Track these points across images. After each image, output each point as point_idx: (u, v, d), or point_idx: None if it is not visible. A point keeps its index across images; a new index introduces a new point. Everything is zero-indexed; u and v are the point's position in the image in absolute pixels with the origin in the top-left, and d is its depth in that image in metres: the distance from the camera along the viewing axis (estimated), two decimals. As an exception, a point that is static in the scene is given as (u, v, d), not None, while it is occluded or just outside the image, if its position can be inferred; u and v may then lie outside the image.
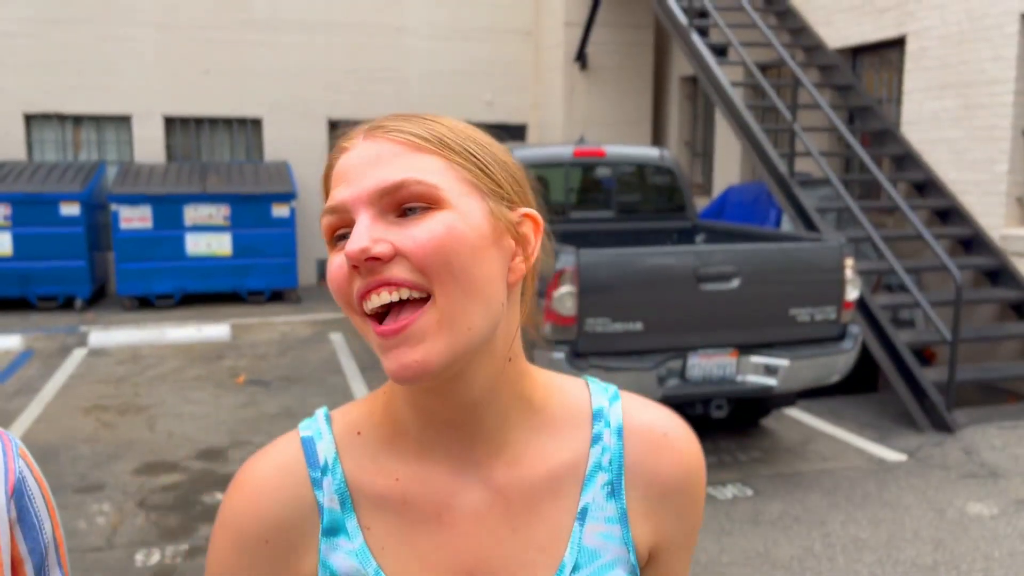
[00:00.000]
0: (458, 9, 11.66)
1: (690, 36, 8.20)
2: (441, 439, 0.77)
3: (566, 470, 0.79)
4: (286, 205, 9.91)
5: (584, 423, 0.81)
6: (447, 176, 0.71)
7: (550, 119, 11.70)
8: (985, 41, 6.73)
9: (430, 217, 0.69)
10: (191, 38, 10.80)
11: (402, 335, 0.68)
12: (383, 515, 0.77)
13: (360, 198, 0.69)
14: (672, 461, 0.81)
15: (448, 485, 0.77)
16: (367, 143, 0.72)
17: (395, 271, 0.68)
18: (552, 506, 0.78)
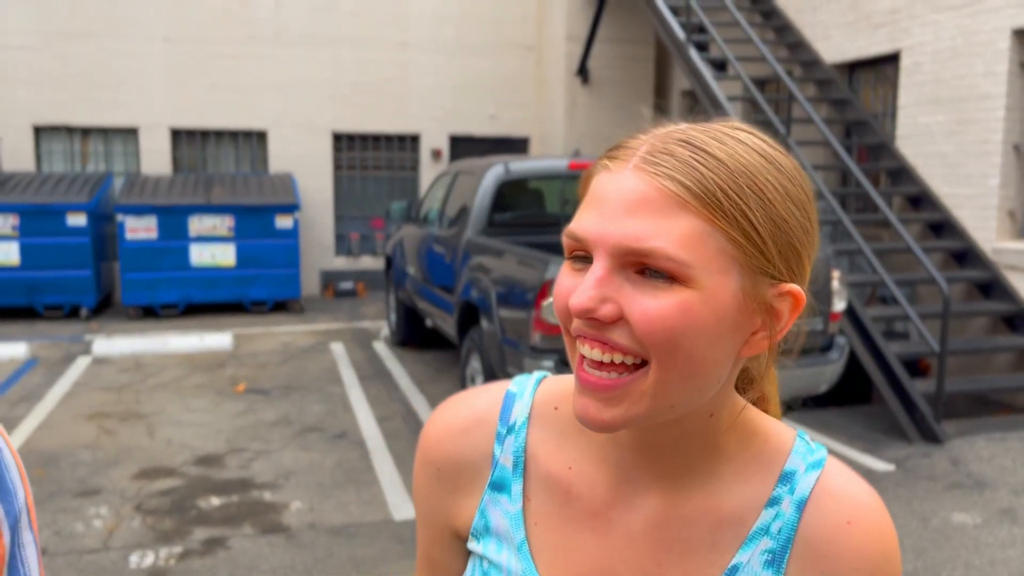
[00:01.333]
0: (461, 24, 11.81)
1: (688, 51, 8.31)
2: (619, 452, 0.76)
3: (731, 523, 0.74)
4: (290, 216, 10.03)
5: (769, 481, 0.75)
6: (705, 248, 0.64)
7: (552, 132, 11.82)
8: (977, 57, 6.81)
9: (670, 292, 0.64)
10: (198, 52, 10.98)
11: (602, 393, 0.67)
12: (546, 494, 0.78)
13: (604, 244, 0.65)
14: (849, 551, 0.72)
15: (613, 496, 0.77)
16: (633, 176, 0.66)
17: (615, 335, 0.65)
18: (704, 555, 0.75)
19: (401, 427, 6.03)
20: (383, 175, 12.06)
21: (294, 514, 4.51)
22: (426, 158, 12.01)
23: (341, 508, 4.60)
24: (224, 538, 4.22)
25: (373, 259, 12.02)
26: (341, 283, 11.81)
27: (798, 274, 0.70)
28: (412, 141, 12.07)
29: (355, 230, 11.97)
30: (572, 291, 0.66)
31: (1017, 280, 6.60)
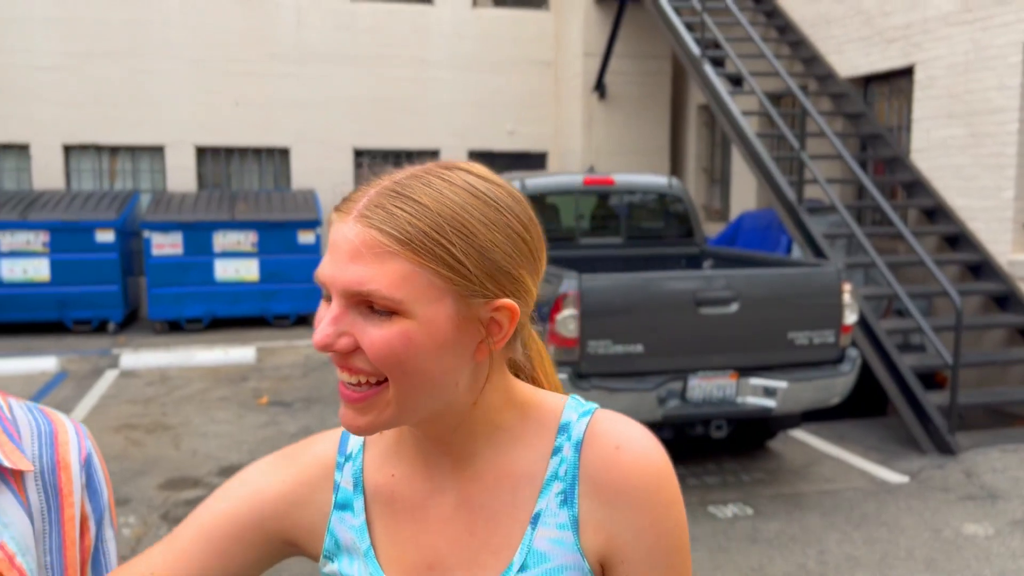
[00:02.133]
0: (480, 41, 11.98)
1: (703, 67, 8.40)
2: (427, 451, 0.88)
3: (526, 480, 0.86)
4: (312, 232, 10.22)
5: (549, 436, 0.87)
6: (415, 284, 0.75)
7: (570, 147, 11.94)
8: (990, 71, 6.85)
9: (392, 323, 0.76)
10: (222, 71, 11.22)
11: (358, 405, 0.79)
12: (380, 503, 0.90)
13: (336, 286, 0.77)
14: (621, 474, 0.83)
15: (425, 489, 0.89)
16: (355, 225, 0.77)
17: (356, 361, 0.77)
18: (509, 513, 0.86)
19: (420, 439, 6.14)
20: (403, 190, 12.22)
21: (315, 523, 4.63)
22: (445, 173, 12.15)
23: (360, 517, 4.71)
24: (247, 546, 4.35)
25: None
26: (362, 297, 11.96)
27: (512, 290, 0.80)
28: (432, 157, 12.24)
29: (376, 245, 12.13)
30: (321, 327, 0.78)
31: (1033, 292, 6.62)
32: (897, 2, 7.87)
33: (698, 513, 4.73)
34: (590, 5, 11.30)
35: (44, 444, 0.98)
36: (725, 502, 4.93)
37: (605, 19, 11.22)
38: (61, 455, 0.99)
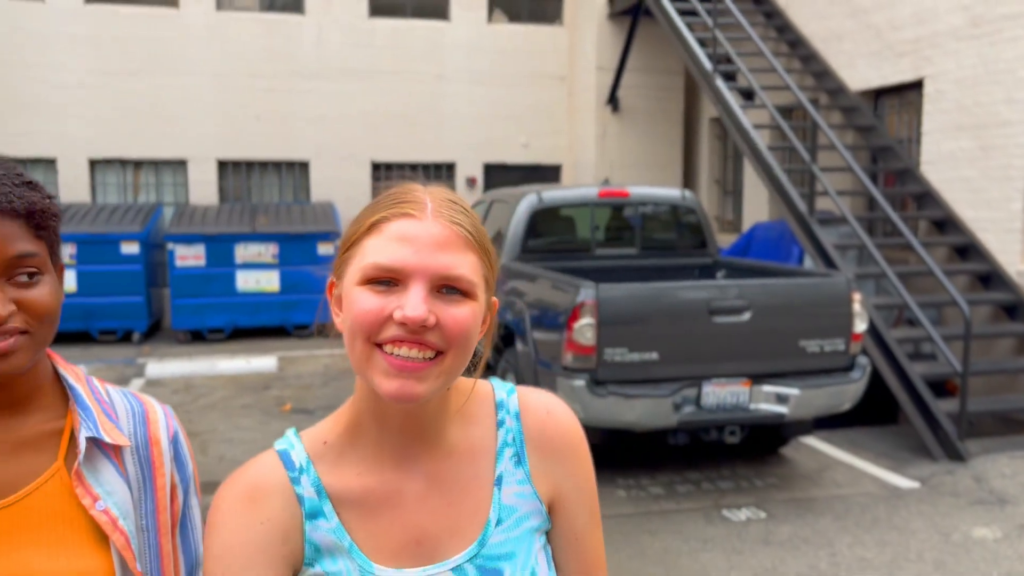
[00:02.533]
0: (495, 56, 12.20)
1: (715, 82, 8.57)
2: (391, 442, 0.98)
3: (482, 452, 1.02)
4: (331, 243, 10.42)
5: (490, 414, 1.04)
6: (479, 275, 0.93)
7: (584, 160, 12.11)
8: (998, 85, 6.98)
9: (464, 304, 0.91)
10: (243, 87, 11.48)
11: (418, 373, 0.89)
12: (350, 502, 0.97)
13: (425, 273, 0.89)
14: (556, 432, 1.05)
15: (396, 476, 0.98)
16: (434, 223, 0.91)
17: (430, 337, 0.89)
18: (476, 481, 1.00)
19: (440, 445, 6.30)
20: (420, 203, 12.44)
21: (341, 525, 4.79)
22: (461, 186, 12.37)
23: (385, 520, 4.86)
24: (276, 546, 4.51)
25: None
26: (379, 307, 12.17)
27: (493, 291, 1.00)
28: (448, 169, 12.45)
29: (393, 256, 12.34)
30: (382, 308, 0.88)
31: (1042, 302, 6.72)
32: (906, 17, 8.01)
33: (713, 516, 4.86)
34: (603, 20, 11.50)
35: (137, 423, 1.14)
36: (739, 506, 5.05)
37: (618, 34, 11.41)
38: (152, 432, 1.15)
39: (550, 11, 12.59)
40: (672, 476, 5.56)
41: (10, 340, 0.97)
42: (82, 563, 1.02)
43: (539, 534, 1.02)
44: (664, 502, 5.11)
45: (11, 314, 0.96)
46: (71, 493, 1.04)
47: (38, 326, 1.00)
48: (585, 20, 11.90)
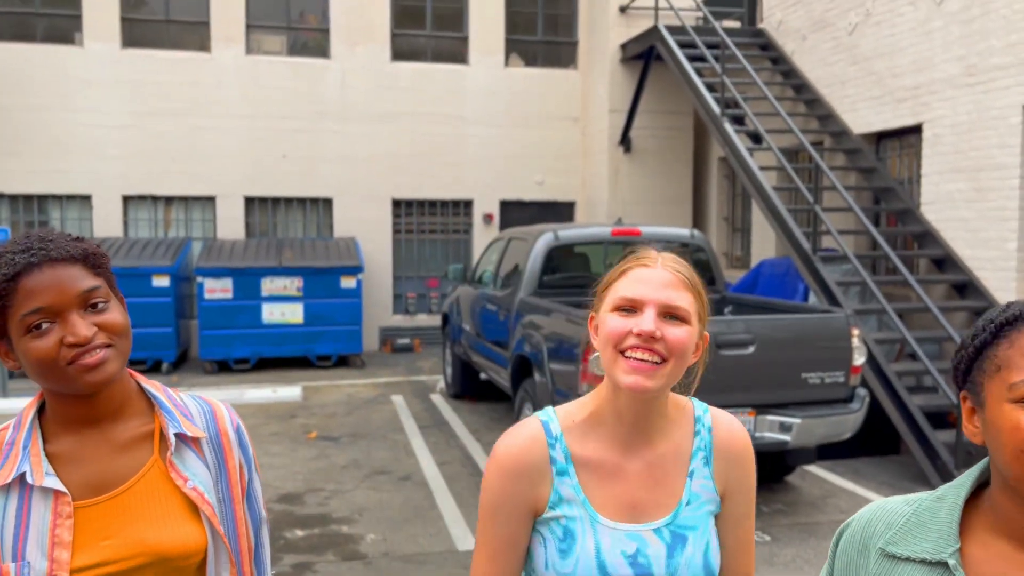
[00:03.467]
0: (512, 98, 12.68)
1: (723, 125, 8.97)
2: (622, 432, 1.37)
3: (683, 451, 1.40)
4: (353, 278, 10.82)
5: (690, 424, 1.43)
6: (693, 308, 1.33)
7: (597, 198, 12.51)
8: (992, 130, 7.34)
9: (681, 327, 1.31)
10: (271, 128, 11.98)
11: (648, 372, 1.28)
12: (588, 470, 1.36)
13: (655, 303, 1.31)
14: (735, 445, 1.43)
15: (623, 457, 1.38)
16: (663, 270, 1.34)
17: (659, 347, 1.28)
18: (676, 471, 1.39)
19: (460, 471, 6.61)
20: (438, 238, 12.87)
21: (370, 544, 5.10)
22: (478, 222, 12.79)
23: (411, 540, 5.18)
24: (311, 563, 4.83)
25: (428, 317, 12.74)
26: (399, 339, 12.53)
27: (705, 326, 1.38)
28: (465, 206, 12.88)
29: (412, 290, 12.73)
30: (627, 326, 1.30)
31: (1037, 337, 6.99)
32: (906, 65, 8.41)
33: (720, 539, 5.14)
34: (616, 65, 11.97)
35: (208, 419, 1.46)
36: (745, 530, 5.33)
37: (630, 78, 11.87)
38: (221, 425, 1.47)
39: (564, 56, 13.10)
40: (682, 501, 5.85)
41: (100, 354, 1.27)
42: (182, 530, 1.34)
43: (712, 517, 1.41)
44: (674, 525, 5.39)
45: (95, 334, 1.28)
46: (167, 478, 1.36)
47: (118, 340, 1.31)
48: (598, 64, 12.37)
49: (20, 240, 1.31)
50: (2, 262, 1.27)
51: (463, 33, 12.71)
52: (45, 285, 1.25)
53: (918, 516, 1.11)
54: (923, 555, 1.07)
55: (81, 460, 1.33)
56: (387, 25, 12.35)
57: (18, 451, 1.30)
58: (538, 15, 13.02)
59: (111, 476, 1.33)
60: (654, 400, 1.36)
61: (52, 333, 1.26)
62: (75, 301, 1.27)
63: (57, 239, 1.31)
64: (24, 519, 1.28)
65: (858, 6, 9.13)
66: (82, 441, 1.33)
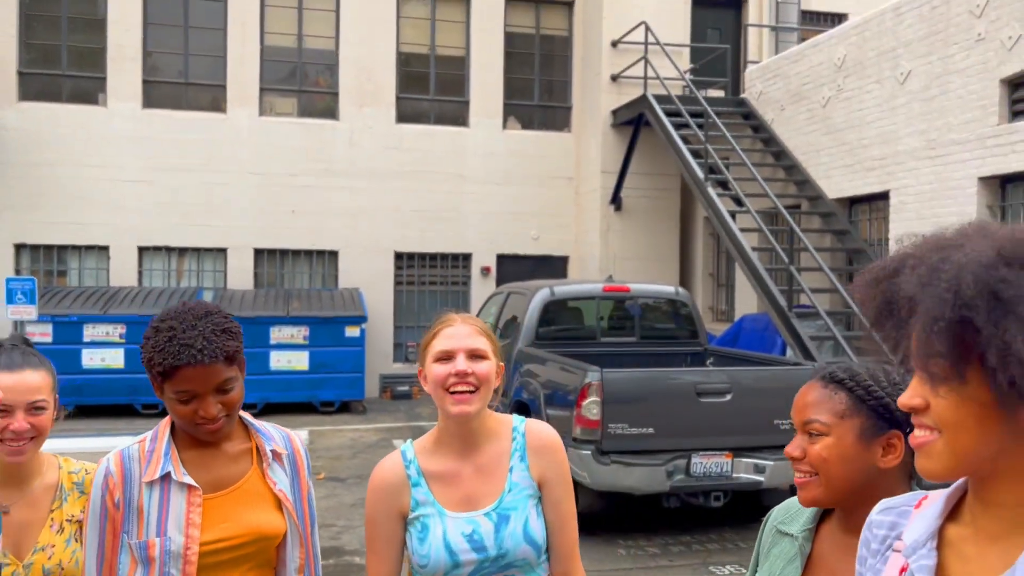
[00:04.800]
0: (509, 159, 13.42)
1: (706, 189, 9.66)
2: (456, 446, 1.85)
3: (503, 453, 1.88)
4: (357, 327, 11.38)
5: (510, 433, 1.91)
6: (489, 348, 1.83)
7: (589, 253, 13.17)
8: (951, 199, 8.04)
9: (483, 362, 1.79)
10: (281, 184, 12.66)
11: (468, 400, 1.76)
12: (435, 479, 1.83)
13: (463, 349, 1.79)
14: (544, 443, 1.91)
15: (459, 465, 1.84)
16: (463, 325, 1.83)
17: (471, 379, 1.77)
18: (499, 470, 1.85)
19: (461, 509, 7.09)
20: (438, 289, 13.47)
21: (381, 573, 5.58)
22: (476, 274, 13.42)
23: (418, 569, 5.65)
24: (328, 588, 5.31)
25: (426, 365, 13.26)
26: (398, 386, 13.04)
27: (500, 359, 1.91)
28: (464, 259, 13.52)
29: (412, 339, 13.29)
30: (447, 370, 1.79)
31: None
32: (874, 137, 9.15)
33: (701, 572, 5.65)
34: (607, 129, 12.74)
35: (286, 442, 2.03)
36: (723, 563, 5.84)
37: (621, 141, 12.62)
38: (295, 447, 2.04)
39: (559, 120, 13.89)
40: (667, 538, 6.36)
41: (219, 423, 1.83)
42: (273, 518, 1.90)
43: (532, 499, 1.88)
44: (659, 559, 5.90)
45: (219, 411, 1.82)
46: (263, 482, 1.92)
47: (232, 411, 1.86)
48: (591, 128, 13.15)
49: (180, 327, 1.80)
50: (170, 350, 1.77)
51: (464, 97, 13.50)
52: (194, 378, 1.77)
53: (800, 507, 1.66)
54: (791, 531, 1.61)
55: (204, 466, 1.88)
56: (393, 89, 13.13)
57: (160, 456, 1.85)
58: (535, 81, 13.85)
59: (225, 478, 1.89)
60: (475, 419, 1.87)
61: (191, 404, 1.79)
62: (212, 390, 1.80)
63: (209, 336, 1.79)
64: (165, 506, 1.81)
65: (830, 81, 9.91)
66: (203, 454, 1.90)
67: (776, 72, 11.10)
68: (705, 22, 14.20)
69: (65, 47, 12.29)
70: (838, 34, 9.94)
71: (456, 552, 1.84)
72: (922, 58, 8.46)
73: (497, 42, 13.51)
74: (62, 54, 12.28)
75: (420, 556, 1.86)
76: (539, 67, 13.88)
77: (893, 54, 8.87)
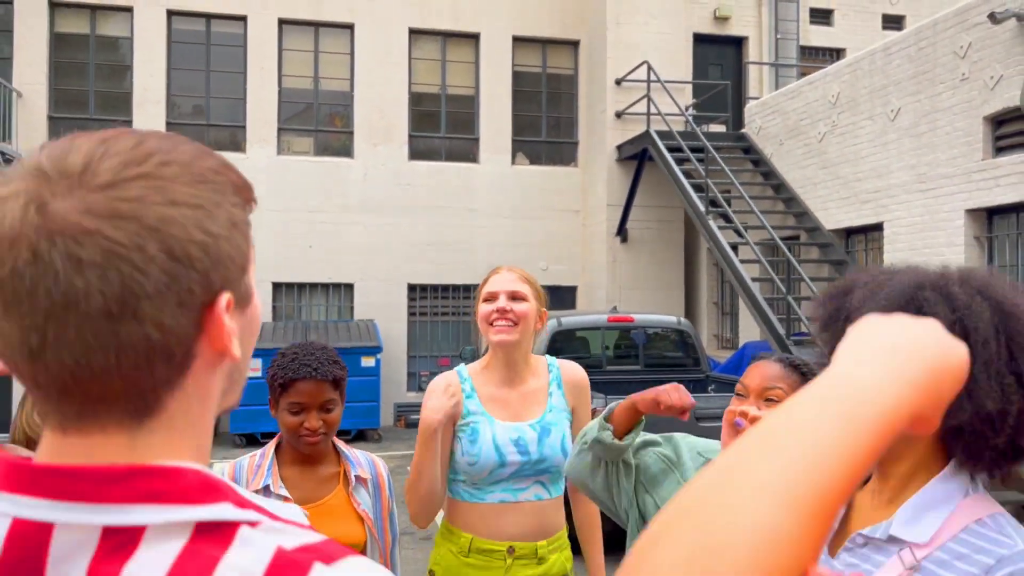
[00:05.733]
0: (518, 193, 13.87)
1: (707, 222, 10.05)
2: (502, 374, 2.37)
3: (543, 383, 2.41)
4: (372, 357, 11.77)
5: (546, 369, 2.43)
6: (530, 293, 2.35)
7: (596, 283, 13.56)
8: (940, 231, 8.40)
9: (523, 303, 2.32)
10: (299, 220, 13.13)
11: (507, 331, 2.29)
12: (486, 399, 2.34)
13: (504, 291, 2.33)
14: (575, 377, 2.45)
15: (506, 392, 2.36)
16: (507, 273, 2.38)
17: (510, 316, 2.30)
18: (540, 394, 2.38)
19: (475, 532, 7.42)
20: (450, 320, 13.87)
21: (400, 590, 5.91)
22: (487, 305, 13.79)
23: (435, 587, 5.99)
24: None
25: (439, 394, 13.61)
26: (412, 415, 13.39)
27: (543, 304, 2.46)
28: (475, 290, 13.90)
29: (425, 368, 13.66)
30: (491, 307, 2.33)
31: (986, 413, 7.90)
32: (867, 170, 9.54)
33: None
34: (612, 164, 13.18)
35: (371, 467, 2.41)
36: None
37: (625, 175, 13.05)
38: (379, 472, 2.42)
39: (566, 155, 14.36)
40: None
41: (318, 437, 2.21)
42: (352, 528, 2.25)
43: (567, 421, 2.36)
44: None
45: (320, 426, 2.21)
46: (348, 501, 2.27)
47: (330, 430, 2.25)
48: (597, 163, 13.60)
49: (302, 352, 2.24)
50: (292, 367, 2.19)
51: (474, 135, 13.99)
52: (306, 392, 2.18)
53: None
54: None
55: (298, 484, 2.25)
56: (405, 128, 13.64)
57: (263, 471, 2.24)
58: (542, 118, 14.34)
59: (314, 495, 2.25)
60: (515, 350, 2.33)
61: (299, 416, 2.19)
62: (318, 406, 2.20)
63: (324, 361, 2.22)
64: None
65: (826, 118, 10.32)
66: (299, 472, 2.27)
67: (774, 108, 11.52)
68: (707, 58, 14.71)
69: (92, 92, 12.87)
70: (832, 72, 10.36)
71: (504, 453, 2.26)
72: (911, 96, 8.87)
73: (505, 81, 14.03)
74: (90, 99, 12.86)
75: (470, 455, 2.27)
76: (546, 104, 14.38)
77: (884, 92, 9.28)
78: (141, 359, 0.61)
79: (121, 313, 0.59)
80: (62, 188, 0.59)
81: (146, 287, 0.59)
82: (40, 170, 0.60)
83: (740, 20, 14.74)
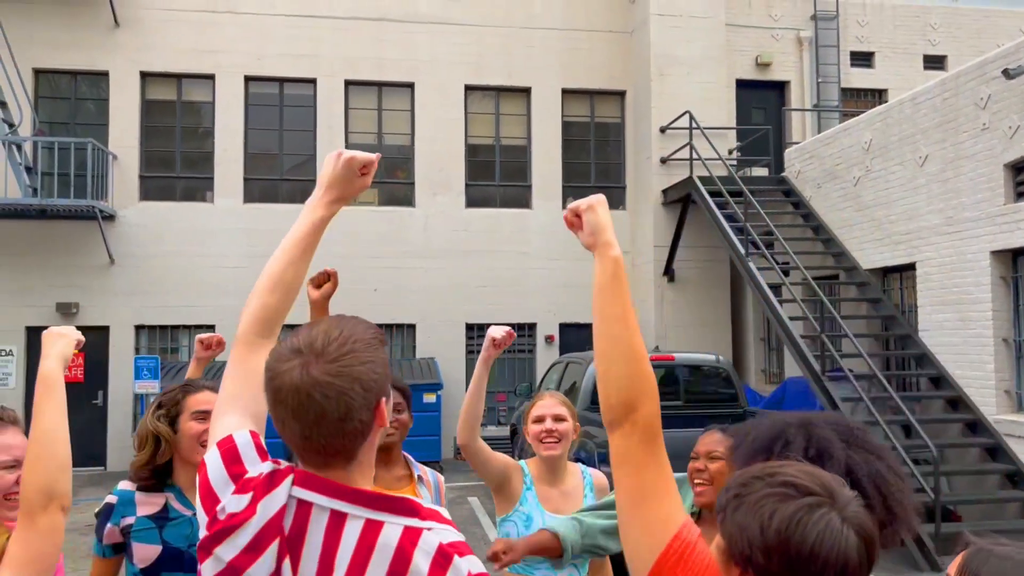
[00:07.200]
0: (569, 236, 14.54)
1: (747, 263, 10.62)
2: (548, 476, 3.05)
3: (579, 485, 3.10)
4: (434, 394, 12.56)
5: (580, 475, 3.15)
6: (568, 413, 3.06)
7: (645, 321, 14.14)
8: (968, 271, 8.84)
9: (563, 423, 3.02)
10: (364, 265, 14.08)
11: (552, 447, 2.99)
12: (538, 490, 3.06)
13: (550, 414, 3.03)
14: (601, 483, 3.15)
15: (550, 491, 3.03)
16: (550, 399, 3.10)
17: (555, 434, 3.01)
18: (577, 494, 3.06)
19: (529, 556, 8.07)
20: (505, 357, 14.60)
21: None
22: (541, 342, 14.51)
23: (492, 604, 6.65)
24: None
25: (497, 428, 14.33)
26: (471, 448, 14.10)
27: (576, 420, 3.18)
28: (529, 328, 14.64)
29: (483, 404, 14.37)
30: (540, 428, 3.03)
31: (1016, 445, 8.27)
32: (899, 213, 10.01)
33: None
34: (659, 207, 13.84)
35: (434, 476, 3.14)
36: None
37: (671, 217, 13.69)
38: (439, 480, 3.15)
39: (614, 198, 15.06)
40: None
41: (395, 437, 2.95)
42: None
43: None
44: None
45: (391, 421, 2.98)
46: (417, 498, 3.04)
47: (403, 431, 2.99)
48: (644, 207, 14.27)
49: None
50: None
51: (527, 182, 14.83)
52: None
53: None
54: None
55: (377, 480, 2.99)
56: (462, 178, 14.54)
57: None
58: (591, 165, 15.11)
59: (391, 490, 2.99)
60: (558, 460, 3.01)
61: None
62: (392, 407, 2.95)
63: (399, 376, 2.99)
64: None
65: (860, 163, 10.84)
66: (378, 474, 3.02)
67: (812, 153, 12.07)
68: (750, 102, 15.33)
69: (179, 153, 14.10)
70: (865, 120, 10.89)
71: None
72: (937, 144, 9.37)
73: (555, 130, 14.85)
74: (176, 159, 14.09)
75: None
76: (594, 152, 15.16)
77: (912, 139, 9.79)
78: (353, 438, 1.34)
79: (345, 418, 1.32)
80: (312, 359, 1.32)
81: (354, 404, 1.32)
82: (299, 350, 1.34)
83: (781, 65, 15.35)
